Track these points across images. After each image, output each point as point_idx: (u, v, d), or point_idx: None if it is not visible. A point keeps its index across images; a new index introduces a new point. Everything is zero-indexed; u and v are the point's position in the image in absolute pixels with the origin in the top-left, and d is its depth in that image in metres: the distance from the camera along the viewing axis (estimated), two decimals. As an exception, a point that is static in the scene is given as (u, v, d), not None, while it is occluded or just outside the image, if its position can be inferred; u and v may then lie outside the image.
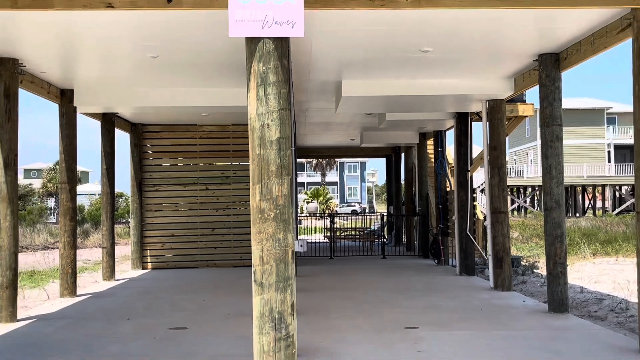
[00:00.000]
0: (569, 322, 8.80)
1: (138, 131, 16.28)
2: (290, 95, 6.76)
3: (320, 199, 67.63)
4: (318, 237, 25.05)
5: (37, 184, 61.71)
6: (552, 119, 9.44)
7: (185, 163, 16.61)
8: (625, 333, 8.38)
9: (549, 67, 9.48)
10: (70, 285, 11.75)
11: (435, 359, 6.72)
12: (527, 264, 16.07)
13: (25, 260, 20.73)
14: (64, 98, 11.79)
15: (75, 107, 11.93)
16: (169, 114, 14.81)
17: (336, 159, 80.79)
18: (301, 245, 6.66)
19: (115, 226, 25.79)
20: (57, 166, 42.92)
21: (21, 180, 69.74)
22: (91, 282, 14.67)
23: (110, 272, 14.23)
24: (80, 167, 74.75)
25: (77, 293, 12.01)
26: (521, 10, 7.61)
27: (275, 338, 5.18)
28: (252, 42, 5.28)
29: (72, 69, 10.77)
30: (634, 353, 6.90)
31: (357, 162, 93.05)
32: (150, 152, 16.52)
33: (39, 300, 12.15)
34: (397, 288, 12.20)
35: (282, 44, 5.27)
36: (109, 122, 14.32)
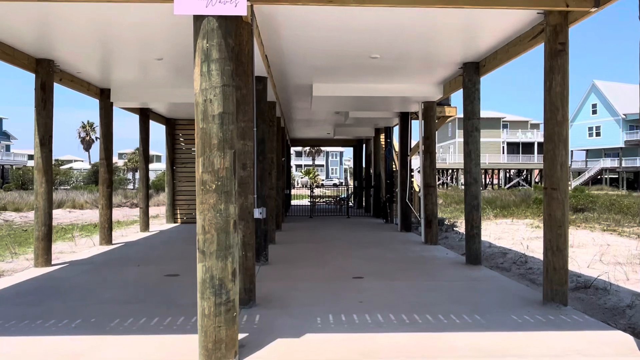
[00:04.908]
0: (482, 272, 7.20)
1: (171, 124, 14.49)
2: (252, 75, 5.07)
3: (310, 175, 65.65)
4: (306, 202, 23.39)
5: (120, 163, 59.53)
6: (472, 114, 7.78)
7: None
8: (527, 284, 6.79)
9: (471, 73, 7.79)
10: (106, 236, 10.07)
11: (372, 309, 5.12)
12: (449, 224, 14.50)
13: (96, 215, 19.04)
14: (103, 95, 10.01)
15: (112, 103, 10.17)
16: (192, 110, 12.98)
17: (322, 148, 78.99)
18: (260, 213, 4.98)
19: (160, 193, 23.46)
20: (137, 151, 41.28)
21: (115, 160, 67.65)
22: (134, 232, 12.99)
23: (144, 225, 12.54)
24: (153, 152, 72.59)
25: (113, 242, 10.33)
26: (449, 22, 5.93)
27: (215, 303, 3.53)
28: (198, 20, 3.56)
29: (107, 73, 8.97)
30: (537, 304, 5.33)
31: (338, 151, 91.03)
32: (181, 139, 14.72)
33: (86, 246, 10.48)
34: (353, 241, 10.58)
35: (226, 23, 3.55)
36: (144, 115, 12.51)
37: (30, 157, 77.96)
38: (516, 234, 12.15)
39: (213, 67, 3.49)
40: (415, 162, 15.34)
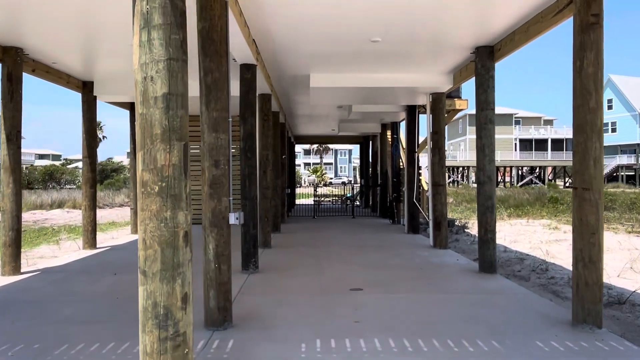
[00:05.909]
0: (498, 283, 6.37)
1: (167, 120, 13.81)
2: (226, 56, 4.30)
3: (318, 173, 64.90)
4: (312, 201, 22.58)
5: (126, 162, 59.04)
6: (486, 104, 6.94)
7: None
8: (551, 297, 5.93)
9: (484, 58, 6.96)
10: (90, 240, 9.38)
11: (369, 331, 4.33)
12: (459, 225, 13.61)
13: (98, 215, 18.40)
14: (85, 88, 9.33)
15: (95, 96, 9.47)
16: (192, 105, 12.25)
17: (330, 147, 78.03)
18: (237, 218, 4.22)
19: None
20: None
21: (124, 159, 67.14)
22: (125, 234, 12.32)
23: (135, 227, 11.84)
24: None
25: (98, 246, 9.65)
26: (460, 2, 5.12)
27: (159, 338, 2.76)
28: (136, -23, 2.79)
29: (89, 63, 8.27)
30: (566, 325, 4.50)
31: (347, 149, 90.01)
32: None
33: (70, 250, 9.79)
34: (355, 244, 9.76)
35: (172, -21, 2.78)
36: (135, 111, 11.83)
37: (40, 156, 77.72)
38: (533, 236, 11.24)
39: (155, 36, 2.72)
40: (424, 159, 14.50)
